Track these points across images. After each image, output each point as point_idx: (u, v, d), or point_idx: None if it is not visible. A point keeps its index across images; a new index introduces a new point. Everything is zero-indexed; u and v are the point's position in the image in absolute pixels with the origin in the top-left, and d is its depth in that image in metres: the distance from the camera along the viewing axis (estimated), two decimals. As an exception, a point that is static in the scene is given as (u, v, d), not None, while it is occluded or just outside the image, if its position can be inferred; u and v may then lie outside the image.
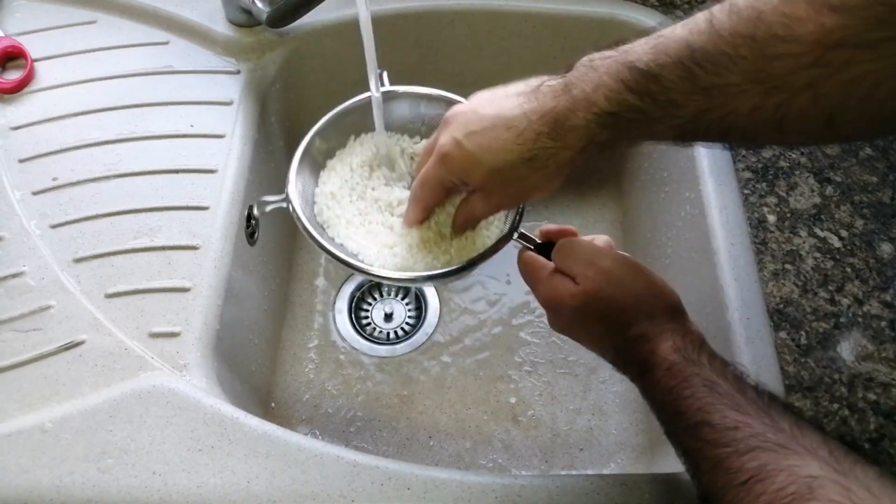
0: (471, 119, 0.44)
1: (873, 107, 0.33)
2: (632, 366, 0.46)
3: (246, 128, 0.65)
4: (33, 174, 0.60)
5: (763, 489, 0.34)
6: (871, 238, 0.57)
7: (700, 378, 0.41)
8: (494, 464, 0.67)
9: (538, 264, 0.50)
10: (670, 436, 0.42)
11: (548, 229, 0.52)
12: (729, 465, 0.36)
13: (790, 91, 0.34)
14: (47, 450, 0.47)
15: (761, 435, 0.36)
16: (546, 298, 0.50)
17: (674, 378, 0.41)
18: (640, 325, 0.45)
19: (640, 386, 0.46)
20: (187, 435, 0.48)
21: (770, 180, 0.61)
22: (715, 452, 0.37)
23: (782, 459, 0.34)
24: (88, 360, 0.51)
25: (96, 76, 0.66)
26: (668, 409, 0.42)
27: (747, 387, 0.40)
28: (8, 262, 0.55)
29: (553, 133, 0.41)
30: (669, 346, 0.43)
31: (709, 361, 0.42)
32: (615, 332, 0.46)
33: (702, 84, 0.36)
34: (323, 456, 0.48)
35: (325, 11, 0.69)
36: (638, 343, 0.45)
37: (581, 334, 0.50)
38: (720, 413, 0.38)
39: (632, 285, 0.46)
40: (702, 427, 0.38)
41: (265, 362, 0.69)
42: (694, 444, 0.39)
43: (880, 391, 0.50)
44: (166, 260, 0.56)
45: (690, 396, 0.40)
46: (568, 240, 0.50)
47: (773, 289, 0.55)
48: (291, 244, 0.80)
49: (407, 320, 0.77)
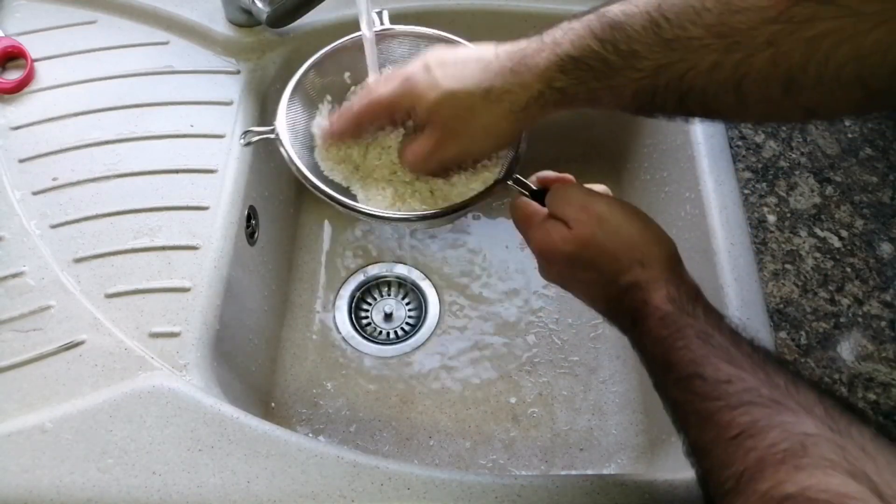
0: (447, 54, 0.45)
1: (832, 70, 0.33)
2: (624, 315, 0.44)
3: (246, 128, 0.65)
4: (33, 174, 0.60)
5: (754, 444, 0.32)
6: (871, 238, 0.57)
7: (694, 329, 0.39)
8: (494, 464, 0.67)
9: (531, 209, 0.49)
10: (659, 388, 0.41)
11: (545, 176, 0.50)
12: (719, 419, 0.35)
13: (750, 48, 0.34)
14: (47, 450, 0.47)
15: (755, 390, 0.35)
16: (538, 244, 0.48)
17: (667, 328, 0.40)
18: (634, 273, 0.43)
19: (631, 337, 0.44)
20: (187, 435, 0.48)
21: (770, 180, 0.61)
22: (705, 406, 0.36)
23: (775, 415, 0.33)
24: (88, 360, 0.51)
25: (96, 76, 0.66)
26: (658, 360, 0.40)
27: (742, 340, 0.39)
28: (8, 262, 0.55)
29: (515, 69, 0.41)
30: (663, 295, 0.42)
31: (704, 313, 0.41)
32: (608, 279, 0.45)
33: (665, 36, 0.37)
34: (323, 456, 0.48)
35: (325, 11, 0.69)
36: (630, 291, 0.43)
37: (572, 282, 0.48)
38: (713, 366, 0.37)
39: (626, 231, 0.45)
40: (693, 379, 0.37)
41: (265, 362, 0.69)
42: (684, 396, 0.38)
43: (880, 391, 0.50)
44: (166, 260, 0.56)
45: (683, 348, 0.39)
46: (563, 184, 0.48)
47: (773, 289, 0.55)
48: (291, 244, 0.80)
49: (407, 320, 0.77)
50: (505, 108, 0.42)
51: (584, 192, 0.47)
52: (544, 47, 0.41)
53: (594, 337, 0.74)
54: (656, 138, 0.73)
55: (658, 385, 0.41)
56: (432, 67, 0.44)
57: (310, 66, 0.53)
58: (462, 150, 0.46)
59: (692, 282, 0.44)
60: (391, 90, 0.45)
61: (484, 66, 0.42)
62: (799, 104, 0.36)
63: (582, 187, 0.48)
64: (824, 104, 0.36)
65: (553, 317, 0.75)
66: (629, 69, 0.38)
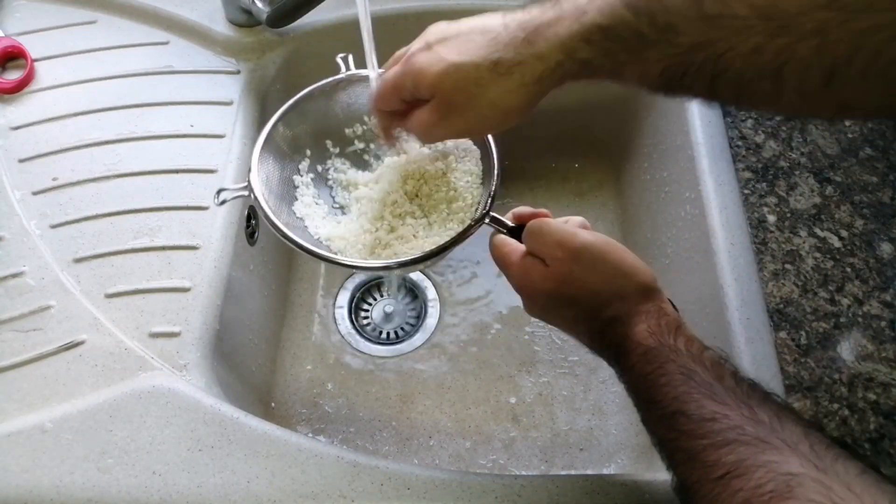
0: (449, 28, 0.42)
1: (879, 66, 0.31)
2: (607, 350, 0.44)
3: (246, 128, 0.65)
4: (33, 174, 0.60)
5: (740, 485, 0.32)
6: (871, 238, 0.57)
7: (676, 364, 0.39)
8: (494, 464, 0.67)
9: (509, 248, 0.48)
10: (646, 423, 0.41)
11: (520, 212, 0.50)
12: (705, 458, 0.35)
13: (797, 34, 0.32)
14: (47, 450, 0.47)
15: (739, 427, 0.35)
16: (518, 282, 0.48)
17: (649, 364, 0.40)
18: (613, 308, 0.43)
19: (616, 370, 0.44)
20: (187, 435, 0.48)
21: (770, 180, 0.61)
22: (691, 444, 0.36)
23: (760, 454, 0.33)
24: (88, 360, 0.51)
25: (96, 76, 0.66)
26: (643, 396, 0.40)
27: (726, 374, 0.38)
28: (8, 262, 0.55)
29: (530, 38, 0.38)
30: (644, 329, 0.41)
31: (685, 346, 0.40)
32: (588, 314, 0.45)
33: (707, 11, 0.33)
34: (323, 456, 0.48)
35: (325, 11, 0.69)
36: (611, 326, 0.43)
37: (555, 318, 0.48)
38: (697, 403, 0.37)
39: (603, 265, 0.44)
40: (677, 417, 0.37)
41: (265, 362, 0.69)
42: (669, 434, 0.38)
43: (880, 391, 0.50)
44: (166, 260, 0.56)
45: (666, 385, 0.38)
46: (538, 221, 0.47)
47: (773, 289, 0.55)
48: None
49: (407, 320, 0.77)
50: (515, 80, 0.39)
51: (559, 229, 0.46)
52: (565, 15, 0.37)
53: (594, 337, 0.74)
54: (656, 138, 0.73)
55: (644, 420, 0.41)
56: (433, 43, 0.41)
57: (278, 118, 0.52)
58: (468, 125, 0.43)
59: (673, 312, 0.43)
60: (394, 73, 0.43)
61: (491, 37, 0.39)
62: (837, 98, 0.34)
63: (557, 223, 0.47)
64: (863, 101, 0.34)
65: (553, 317, 0.76)
66: (663, 44, 0.35)
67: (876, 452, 0.48)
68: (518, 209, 0.50)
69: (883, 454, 0.48)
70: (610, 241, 0.46)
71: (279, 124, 0.52)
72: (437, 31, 0.42)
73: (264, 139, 0.51)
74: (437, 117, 0.42)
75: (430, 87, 0.41)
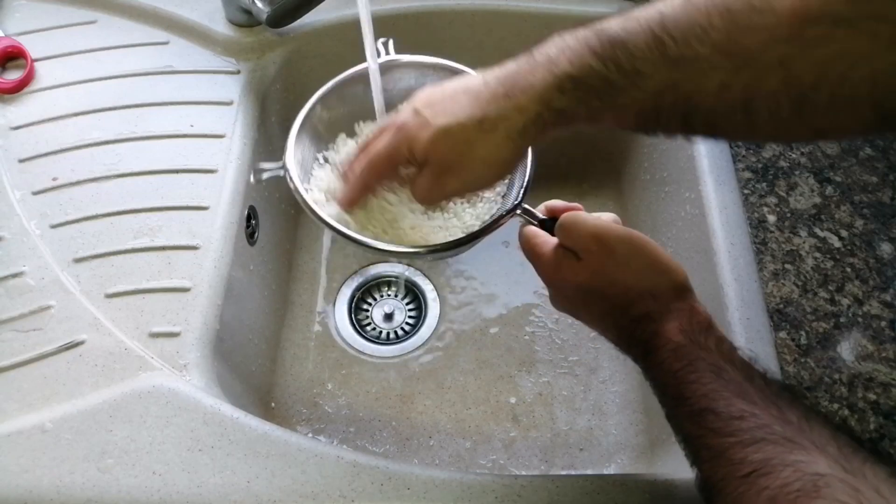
0: (434, 93, 0.43)
1: (846, 92, 0.32)
2: (635, 346, 0.44)
3: (246, 128, 0.65)
4: (33, 174, 0.60)
5: (766, 483, 0.32)
6: (871, 238, 0.57)
7: (706, 362, 0.39)
8: (494, 464, 0.67)
9: (540, 239, 0.48)
10: (671, 420, 0.41)
11: (553, 205, 0.50)
12: (731, 455, 0.35)
13: (761, 68, 0.33)
14: (47, 450, 0.47)
15: (767, 426, 0.35)
16: (548, 275, 0.48)
17: (679, 361, 0.40)
18: (645, 304, 0.43)
19: (643, 367, 0.44)
20: (187, 435, 0.48)
21: (770, 180, 0.61)
22: (718, 441, 0.36)
23: (788, 454, 0.33)
24: (88, 360, 0.51)
25: (96, 76, 0.66)
26: (670, 392, 0.40)
27: (756, 374, 0.38)
28: (8, 262, 0.55)
29: (509, 93, 0.39)
30: (675, 326, 0.41)
31: (716, 345, 0.40)
32: (619, 310, 0.45)
33: (671, 54, 0.35)
34: (323, 456, 0.48)
35: (325, 11, 0.69)
36: (642, 323, 0.43)
37: (583, 313, 0.48)
38: (726, 401, 0.37)
39: (637, 262, 0.44)
40: (706, 414, 0.37)
41: (265, 362, 0.69)
42: (696, 431, 0.38)
43: (880, 391, 0.50)
44: (166, 260, 0.56)
45: (695, 381, 0.38)
46: (572, 214, 0.48)
47: (773, 289, 0.55)
48: (291, 244, 0.80)
49: (407, 320, 0.77)
50: (501, 135, 0.40)
51: (594, 223, 0.46)
52: (538, 66, 0.39)
53: (594, 337, 0.74)
54: (656, 138, 0.73)
55: (670, 416, 0.41)
56: (421, 110, 0.42)
57: (317, 99, 0.53)
58: (463, 183, 0.44)
59: (705, 311, 0.43)
60: (386, 143, 0.44)
61: (473, 96, 0.41)
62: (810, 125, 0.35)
63: (591, 217, 0.47)
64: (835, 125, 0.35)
65: (553, 317, 0.75)
66: (633, 88, 0.36)
67: (876, 453, 0.48)
68: (550, 202, 0.50)
69: (883, 454, 0.48)
70: (645, 238, 0.46)
71: (317, 106, 0.53)
72: (424, 96, 0.43)
73: (302, 120, 0.52)
74: (432, 182, 0.43)
75: (423, 153, 0.42)
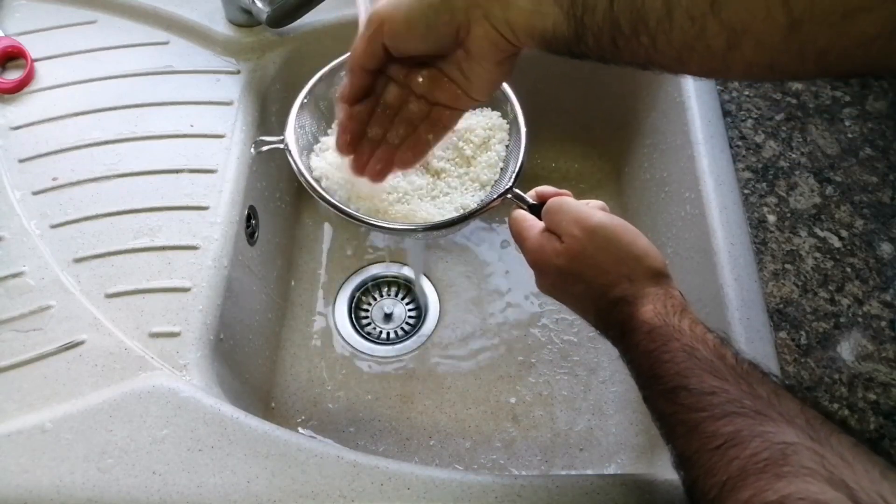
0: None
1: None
2: (612, 328, 0.45)
3: (246, 128, 0.65)
4: (33, 174, 0.60)
5: (736, 454, 0.33)
6: (871, 238, 0.57)
7: (679, 343, 0.40)
8: (494, 464, 0.67)
9: (528, 223, 0.50)
10: (647, 401, 0.42)
11: (543, 191, 0.51)
12: (704, 429, 0.36)
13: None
14: (47, 450, 0.47)
15: (738, 401, 0.36)
16: (532, 256, 0.49)
17: (653, 342, 0.41)
18: (622, 287, 0.45)
19: (620, 349, 0.45)
20: (187, 435, 0.48)
21: (770, 180, 0.61)
22: (691, 417, 0.37)
23: (757, 426, 0.34)
24: (88, 360, 0.51)
25: (96, 76, 0.66)
26: (646, 373, 0.41)
27: (727, 353, 0.40)
28: (8, 262, 0.55)
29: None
30: (650, 309, 0.43)
31: (689, 327, 0.41)
32: (597, 292, 0.46)
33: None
34: (323, 456, 0.48)
35: (325, 11, 0.69)
36: (619, 305, 0.44)
37: (564, 295, 0.50)
38: (698, 378, 0.38)
39: (616, 246, 0.46)
40: (679, 391, 0.38)
41: (265, 362, 0.69)
42: (670, 408, 0.39)
43: (880, 391, 0.50)
44: (166, 260, 0.56)
45: (669, 361, 0.40)
46: (558, 199, 0.49)
47: (773, 289, 0.55)
48: (291, 244, 0.80)
49: (407, 320, 0.77)
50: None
51: (578, 208, 0.47)
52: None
53: (594, 337, 0.74)
54: (656, 138, 0.73)
55: (646, 398, 0.42)
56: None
57: (320, 77, 0.54)
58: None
59: (679, 296, 0.45)
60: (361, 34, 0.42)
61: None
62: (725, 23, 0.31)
63: (577, 202, 0.49)
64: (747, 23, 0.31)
65: (553, 317, 0.76)
66: None
67: (876, 453, 0.48)
68: (541, 188, 0.52)
69: (883, 454, 0.48)
70: (625, 224, 0.47)
71: (320, 83, 0.54)
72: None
73: (303, 98, 0.53)
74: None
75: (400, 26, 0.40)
